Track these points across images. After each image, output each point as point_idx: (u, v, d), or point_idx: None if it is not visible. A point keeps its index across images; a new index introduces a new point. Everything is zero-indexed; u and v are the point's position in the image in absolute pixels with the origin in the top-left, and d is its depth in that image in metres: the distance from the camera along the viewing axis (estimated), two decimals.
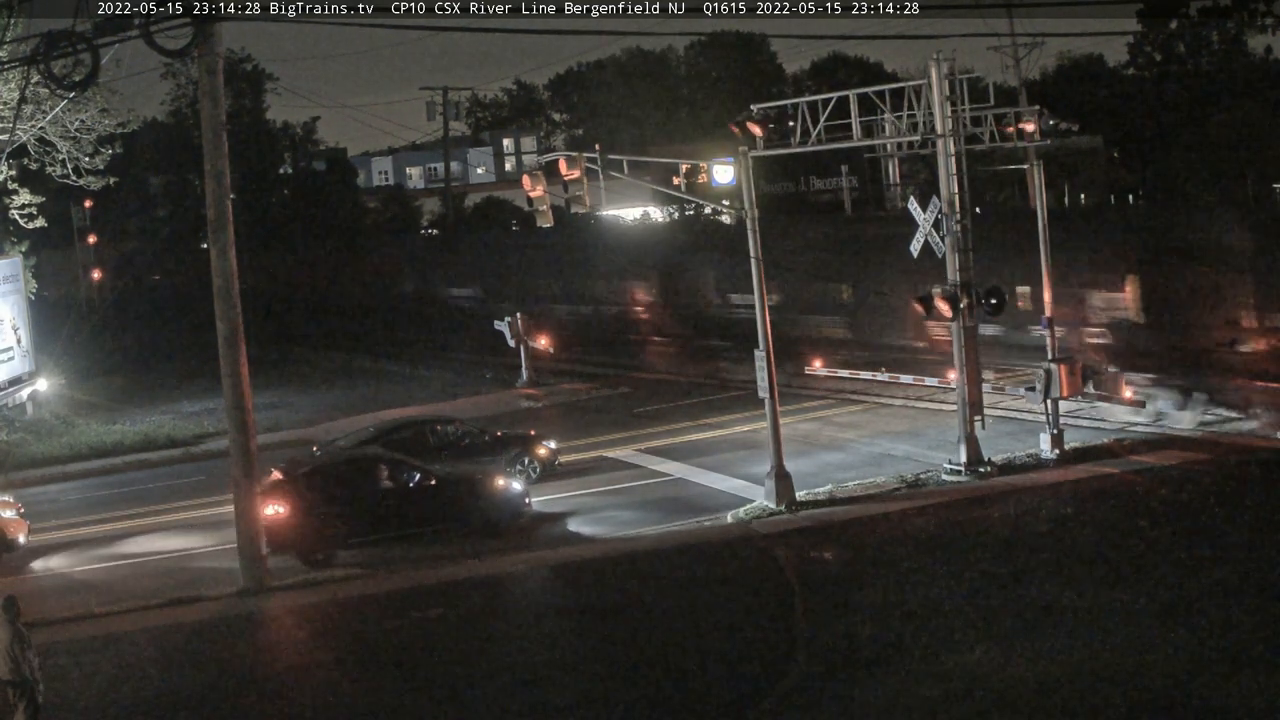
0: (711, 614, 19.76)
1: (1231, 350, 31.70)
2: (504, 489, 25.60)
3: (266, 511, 23.97)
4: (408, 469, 25.29)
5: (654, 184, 30.21)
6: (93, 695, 18.02)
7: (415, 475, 25.15)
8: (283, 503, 24.21)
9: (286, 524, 24.09)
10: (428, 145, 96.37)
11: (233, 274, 22.45)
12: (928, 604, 18.99)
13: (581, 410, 38.28)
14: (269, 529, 23.83)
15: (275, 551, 24.06)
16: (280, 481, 24.98)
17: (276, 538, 23.96)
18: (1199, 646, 16.55)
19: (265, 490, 24.66)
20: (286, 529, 24.08)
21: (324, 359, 53.92)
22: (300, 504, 24.31)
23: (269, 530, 23.82)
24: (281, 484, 24.83)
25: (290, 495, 24.40)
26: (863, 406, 34.90)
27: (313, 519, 24.32)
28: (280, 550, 24.10)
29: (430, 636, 19.76)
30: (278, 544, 24.04)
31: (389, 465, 25.36)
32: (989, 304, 26.60)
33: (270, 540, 23.94)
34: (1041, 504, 23.91)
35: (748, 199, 25.88)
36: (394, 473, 25.16)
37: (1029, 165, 31.65)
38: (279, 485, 24.80)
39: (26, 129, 35.41)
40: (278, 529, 23.96)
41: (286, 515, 24.14)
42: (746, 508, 25.41)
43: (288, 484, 24.78)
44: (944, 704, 15.58)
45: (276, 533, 23.94)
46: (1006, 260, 35.38)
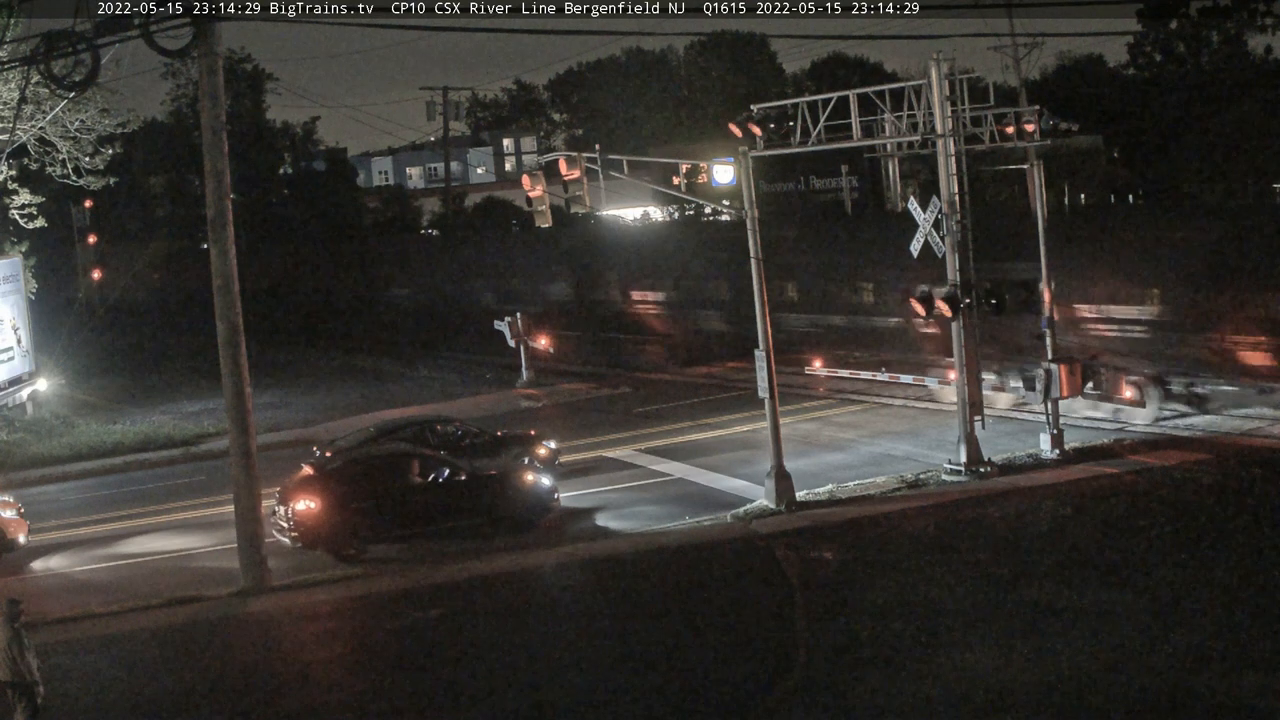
0: (711, 614, 19.76)
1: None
2: (533, 484, 25.71)
3: (298, 507, 24.08)
4: (439, 464, 25.34)
5: (654, 184, 30.25)
6: (93, 695, 18.04)
7: (445, 470, 25.19)
8: (314, 498, 24.26)
9: (318, 519, 24.15)
10: (428, 145, 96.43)
11: (233, 274, 22.46)
12: (928, 604, 19.00)
13: (581, 410, 38.29)
14: (300, 524, 23.95)
15: (306, 547, 24.19)
16: (312, 476, 25.07)
17: (308, 533, 24.07)
18: (1199, 646, 16.55)
19: (296, 485, 24.78)
20: (318, 524, 24.15)
21: (324, 359, 53.92)
22: (331, 499, 24.34)
23: (300, 525, 23.94)
24: (313, 479, 24.92)
25: (322, 490, 24.43)
26: (863, 406, 34.90)
27: (344, 514, 24.34)
28: (311, 545, 24.21)
29: (430, 636, 19.77)
30: (309, 539, 24.13)
31: (420, 460, 25.39)
32: (989, 304, 26.61)
33: (301, 535, 24.06)
34: (1041, 504, 23.93)
35: (747, 199, 25.88)
36: (425, 468, 25.19)
37: (1029, 165, 31.66)
38: (310, 480, 24.89)
39: (26, 129, 35.44)
40: (309, 524, 24.06)
41: (318, 510, 24.18)
42: (746, 508, 25.41)
43: (319, 479, 24.85)
44: (944, 704, 15.59)
45: (308, 528, 24.05)
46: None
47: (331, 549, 24.28)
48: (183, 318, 65.53)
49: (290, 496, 24.49)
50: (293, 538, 24.29)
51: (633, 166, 27.80)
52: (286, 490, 24.98)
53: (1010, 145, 31.02)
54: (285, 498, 24.63)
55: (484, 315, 48.10)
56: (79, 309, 56.50)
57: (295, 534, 24.23)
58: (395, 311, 63.98)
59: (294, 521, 24.17)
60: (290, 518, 24.23)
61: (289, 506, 24.31)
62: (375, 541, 24.54)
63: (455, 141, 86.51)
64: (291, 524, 24.22)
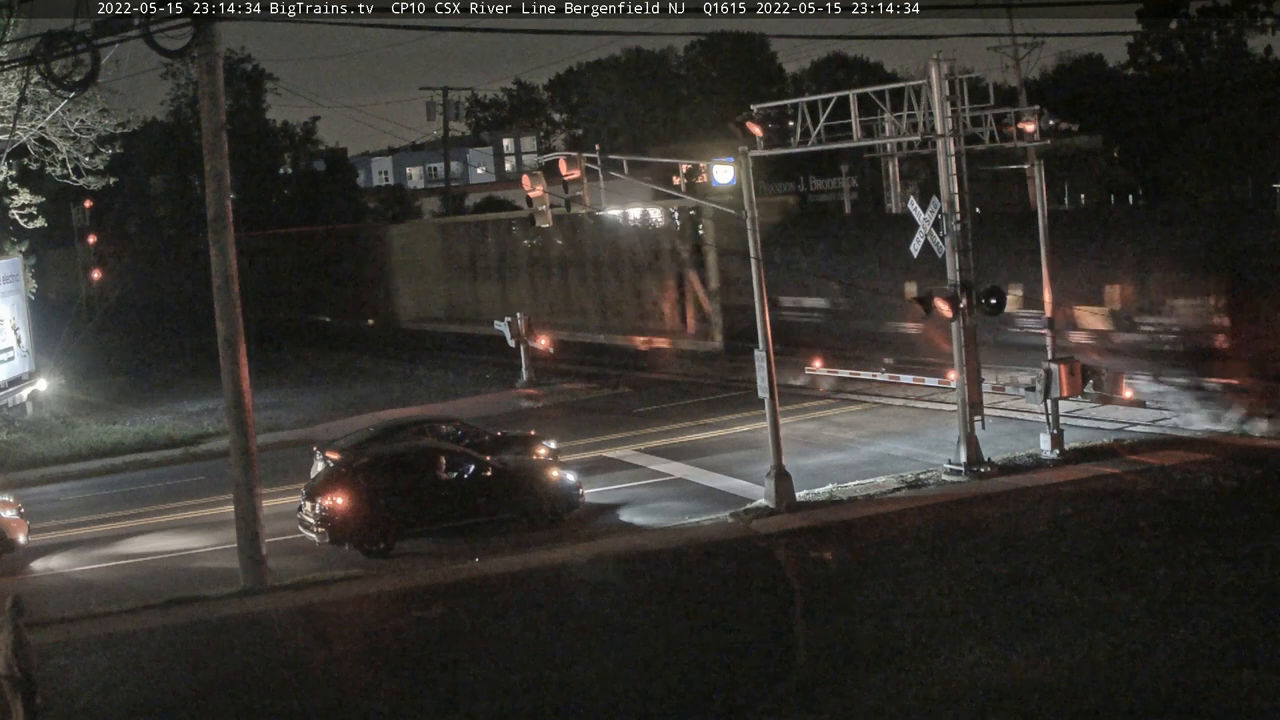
0: (711, 614, 19.76)
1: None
2: (559, 480, 25.78)
3: (325, 503, 24.09)
4: (466, 460, 25.37)
5: (654, 184, 30.21)
6: (93, 695, 18.03)
7: (472, 466, 25.21)
8: (342, 494, 24.27)
9: (346, 515, 24.17)
10: (428, 145, 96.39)
11: (233, 274, 22.46)
12: (928, 604, 19.00)
13: (581, 410, 38.28)
14: (328, 519, 24.00)
15: (334, 543, 24.21)
16: (340, 473, 25.10)
17: (336, 528, 24.09)
18: (1199, 646, 16.55)
19: (324, 481, 24.84)
20: (346, 520, 24.17)
21: (324, 359, 53.92)
22: (360, 495, 24.35)
23: (328, 521, 24.00)
24: (341, 475, 24.94)
25: (350, 486, 24.44)
26: (863, 406, 34.89)
27: (372, 510, 24.36)
28: (339, 541, 24.23)
29: (431, 636, 19.77)
30: (338, 535, 24.15)
31: (447, 456, 25.40)
32: (989, 304, 26.59)
33: (330, 531, 24.07)
34: (1041, 504, 23.93)
35: (748, 199, 25.87)
36: (452, 463, 25.21)
37: (1029, 165, 31.66)
38: (339, 476, 24.92)
39: (26, 129, 35.43)
40: (337, 520, 24.08)
41: (346, 506, 24.20)
42: (746, 508, 25.41)
43: (347, 475, 24.86)
44: (944, 704, 15.59)
45: (336, 524, 24.08)
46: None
47: (359, 545, 24.30)
48: (182, 317, 65.58)
49: (318, 492, 24.48)
50: (320, 534, 24.29)
51: (633, 166, 27.76)
52: (314, 486, 25.00)
53: (1010, 145, 31.06)
54: (313, 494, 24.63)
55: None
56: (79, 309, 56.50)
57: (323, 529, 24.22)
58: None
59: (321, 517, 24.16)
60: (317, 514, 24.21)
61: (317, 502, 24.29)
62: (403, 538, 24.56)
63: (455, 141, 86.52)
64: (319, 520, 24.21)
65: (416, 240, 61.47)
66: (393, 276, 61.58)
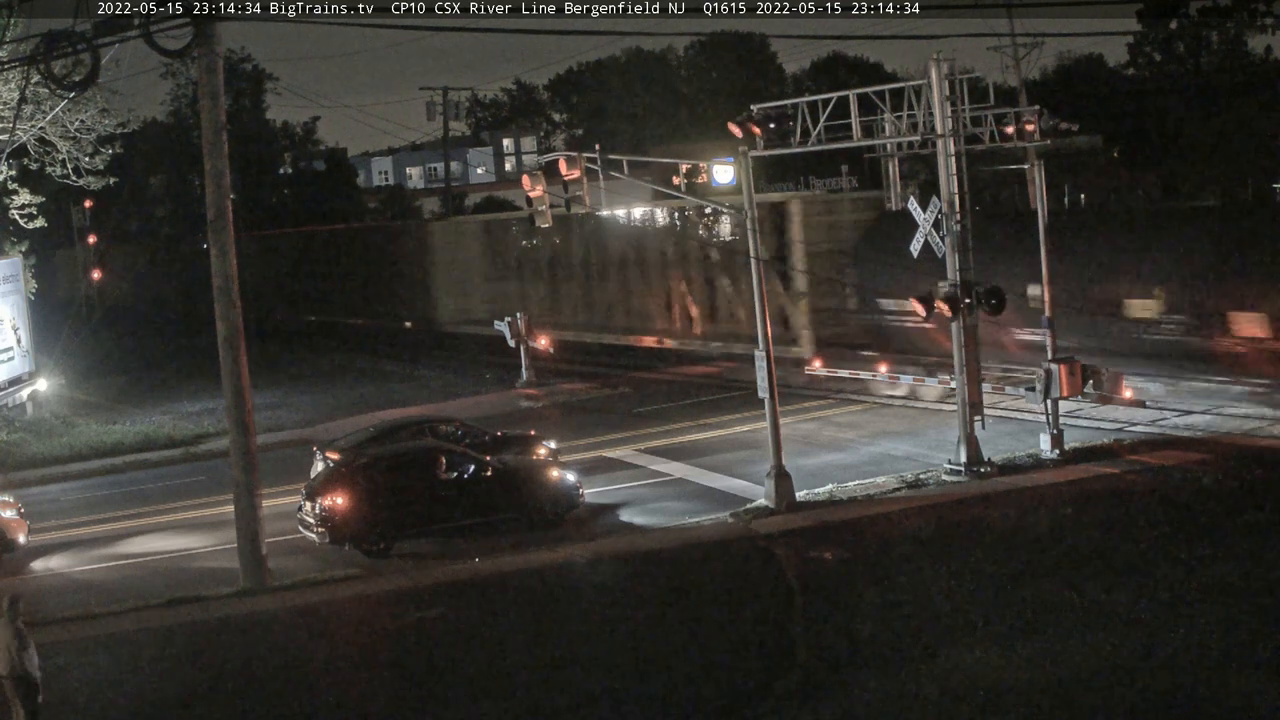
0: (711, 614, 19.76)
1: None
2: (559, 480, 25.79)
3: (326, 503, 24.08)
4: (466, 460, 25.37)
5: (654, 184, 30.18)
6: (93, 695, 18.04)
7: (472, 466, 25.23)
8: (343, 494, 24.27)
9: (346, 515, 24.16)
10: (428, 145, 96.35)
11: (233, 274, 22.47)
12: (927, 604, 19.00)
13: (581, 410, 38.28)
14: (328, 519, 23.98)
15: (334, 543, 24.20)
16: (340, 473, 25.11)
17: (336, 529, 24.09)
18: (1199, 646, 16.55)
19: (324, 481, 24.83)
20: (346, 520, 24.17)
21: (324, 359, 53.91)
22: (360, 495, 24.36)
23: (328, 521, 23.99)
24: (341, 475, 24.94)
25: (351, 486, 24.45)
26: (863, 406, 34.89)
27: (373, 510, 24.37)
28: (339, 541, 24.23)
29: (431, 636, 19.77)
30: (338, 535, 24.15)
31: (447, 456, 25.40)
32: (989, 304, 26.58)
33: (330, 531, 24.06)
34: (1041, 504, 23.93)
35: (748, 199, 25.87)
36: (452, 464, 25.21)
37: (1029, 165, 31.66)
38: (339, 476, 24.92)
39: (26, 129, 35.44)
40: (337, 520, 24.08)
41: (346, 506, 24.20)
42: (746, 508, 25.42)
43: (348, 475, 24.87)
44: (944, 704, 15.59)
45: (336, 524, 24.08)
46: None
47: (359, 545, 24.31)
48: (182, 318, 65.56)
49: (318, 492, 24.48)
50: (320, 534, 24.29)
51: (633, 166, 27.77)
52: (314, 486, 25.00)
53: (1010, 145, 31.02)
54: (313, 494, 24.63)
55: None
56: (79, 309, 56.47)
57: (323, 529, 24.22)
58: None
59: (321, 517, 24.17)
60: (317, 514, 24.21)
61: (317, 502, 24.29)
62: (402, 538, 24.56)
63: (455, 141, 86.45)
64: (319, 520, 24.21)
65: (457, 239, 57.07)
66: (431, 276, 57.28)
